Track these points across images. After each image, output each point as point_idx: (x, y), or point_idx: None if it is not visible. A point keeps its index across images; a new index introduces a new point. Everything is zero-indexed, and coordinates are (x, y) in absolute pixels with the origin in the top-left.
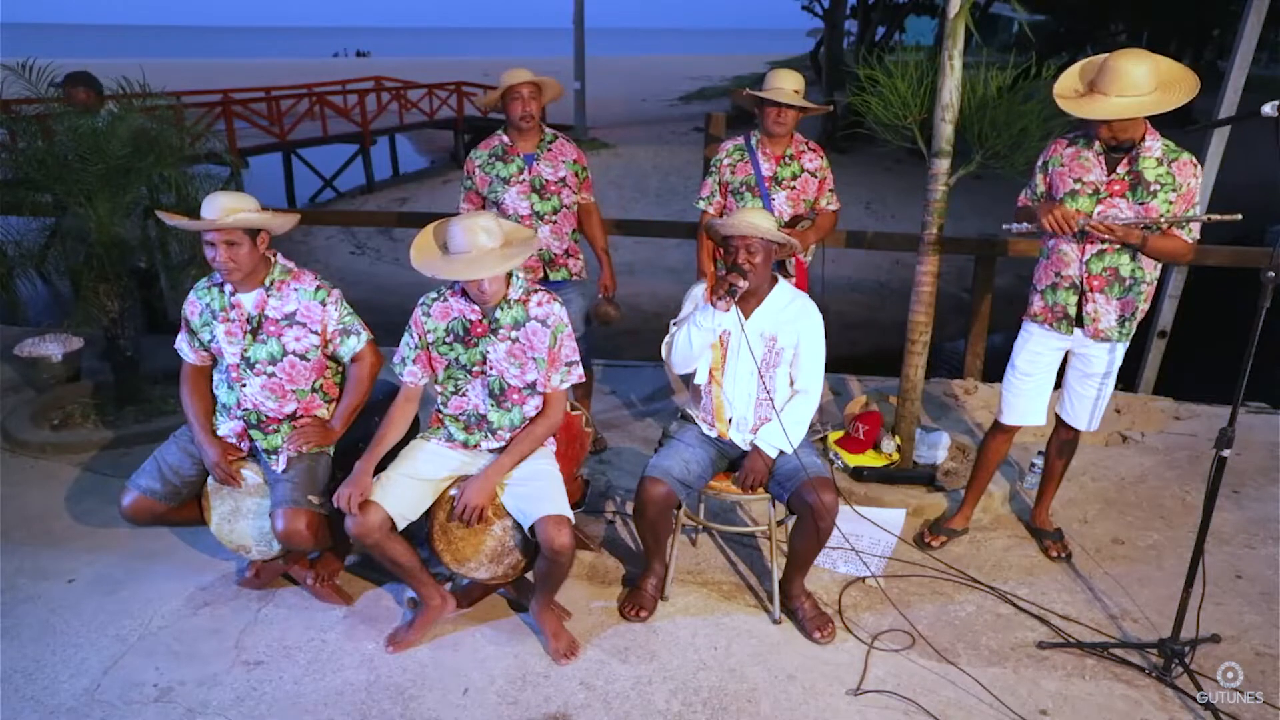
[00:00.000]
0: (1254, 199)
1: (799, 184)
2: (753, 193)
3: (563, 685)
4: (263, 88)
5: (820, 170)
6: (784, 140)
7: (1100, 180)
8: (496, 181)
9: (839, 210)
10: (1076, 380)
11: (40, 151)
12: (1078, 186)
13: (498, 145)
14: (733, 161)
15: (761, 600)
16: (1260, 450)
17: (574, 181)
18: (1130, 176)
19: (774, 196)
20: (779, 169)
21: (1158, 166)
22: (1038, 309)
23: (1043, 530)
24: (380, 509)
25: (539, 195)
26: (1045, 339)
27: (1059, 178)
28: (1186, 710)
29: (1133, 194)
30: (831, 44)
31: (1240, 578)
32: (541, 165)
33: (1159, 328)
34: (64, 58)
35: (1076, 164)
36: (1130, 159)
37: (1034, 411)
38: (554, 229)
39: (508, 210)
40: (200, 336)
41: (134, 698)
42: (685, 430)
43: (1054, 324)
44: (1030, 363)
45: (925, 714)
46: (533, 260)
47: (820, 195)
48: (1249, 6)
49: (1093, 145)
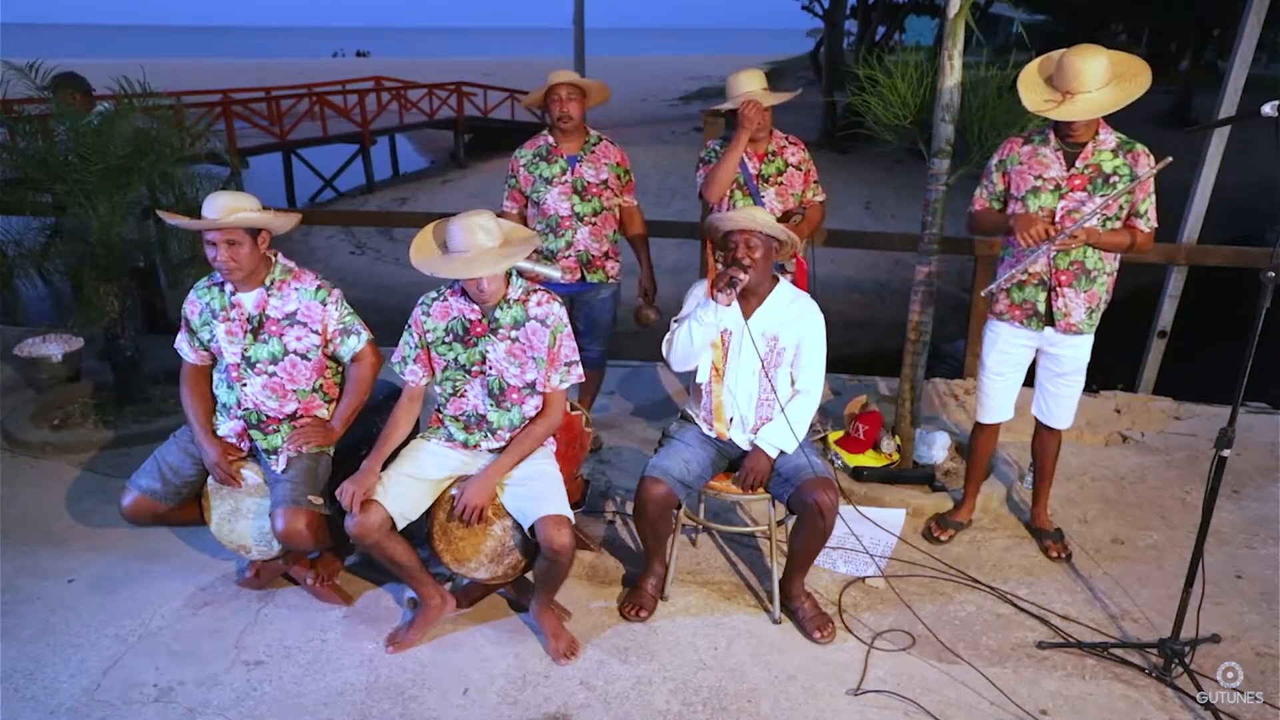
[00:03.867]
0: (1254, 199)
1: (786, 179)
2: (743, 192)
3: (563, 685)
4: (263, 88)
5: (804, 163)
6: (764, 138)
7: (1061, 176)
8: (539, 181)
9: (825, 201)
10: (1049, 380)
11: (40, 151)
12: (1039, 183)
13: (543, 145)
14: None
15: (761, 600)
16: (1260, 450)
17: (616, 184)
18: (1089, 170)
19: (763, 194)
20: (764, 167)
21: (1114, 158)
22: (1004, 307)
23: (1043, 530)
24: (380, 509)
25: (580, 197)
26: (1014, 337)
27: (1019, 176)
28: (1186, 710)
29: (1093, 187)
30: (831, 44)
31: (1240, 578)
32: (584, 167)
33: (1159, 328)
34: (63, 58)
35: (1036, 161)
36: (1087, 153)
37: (1008, 408)
38: (593, 231)
39: (548, 211)
40: (200, 336)
41: (134, 698)
42: (685, 430)
43: (1024, 321)
44: (1000, 361)
45: (925, 714)
46: (570, 262)
47: (806, 187)
48: (1249, 6)
49: (1049, 142)
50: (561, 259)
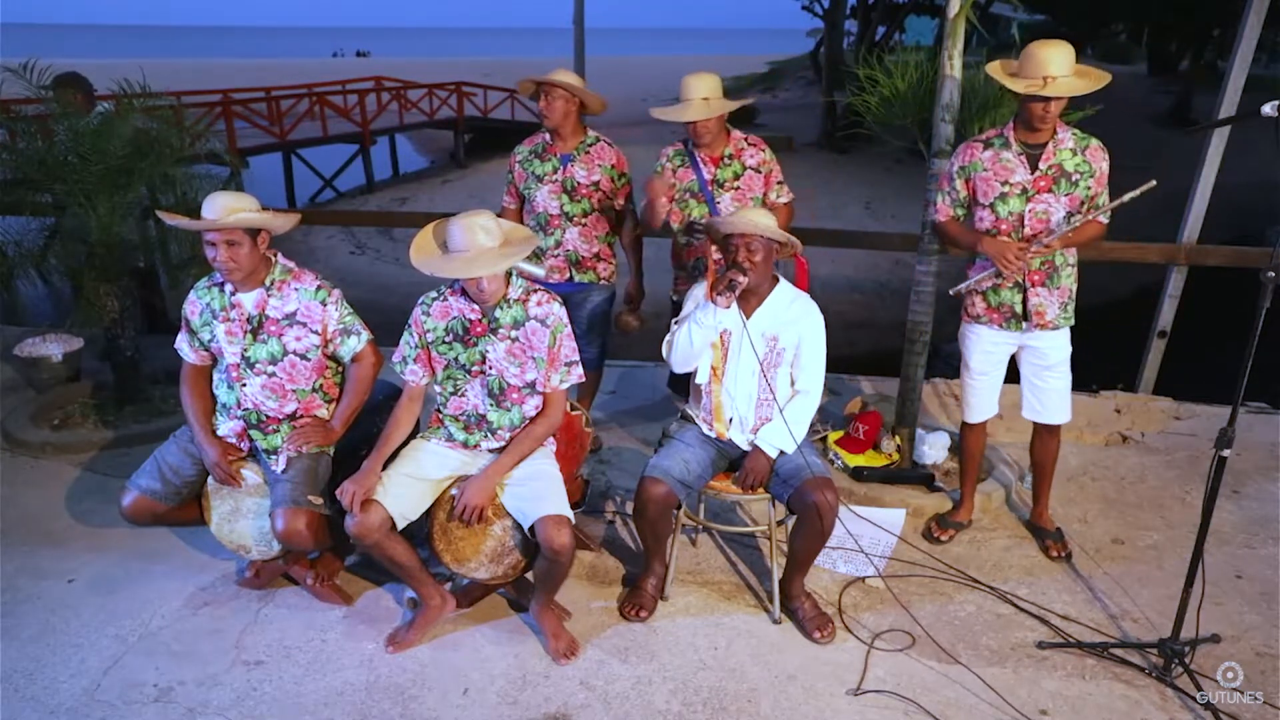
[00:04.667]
0: (1254, 199)
1: (743, 183)
2: (697, 199)
3: (563, 685)
4: (263, 88)
5: (763, 164)
6: (719, 142)
7: (1026, 179)
8: (531, 179)
9: (792, 201)
10: (1035, 375)
11: (40, 151)
12: (1006, 189)
13: (539, 143)
14: (674, 167)
15: (761, 600)
16: (1260, 450)
17: (609, 186)
18: (1052, 170)
19: (719, 200)
20: (719, 171)
21: (1074, 156)
22: (980, 310)
23: (1044, 530)
24: (380, 509)
25: (569, 196)
26: (995, 337)
27: (983, 182)
28: (1186, 710)
29: (1057, 187)
30: (831, 44)
31: (1240, 578)
32: (576, 167)
33: (1159, 328)
34: (63, 58)
35: (1000, 166)
36: (1049, 154)
37: (994, 404)
38: (583, 232)
39: (538, 208)
40: (200, 336)
41: (134, 698)
42: (685, 430)
43: (1003, 324)
44: (984, 361)
45: (925, 714)
46: (558, 261)
47: (769, 189)
48: (1249, 6)
49: (1010, 146)
50: (549, 258)
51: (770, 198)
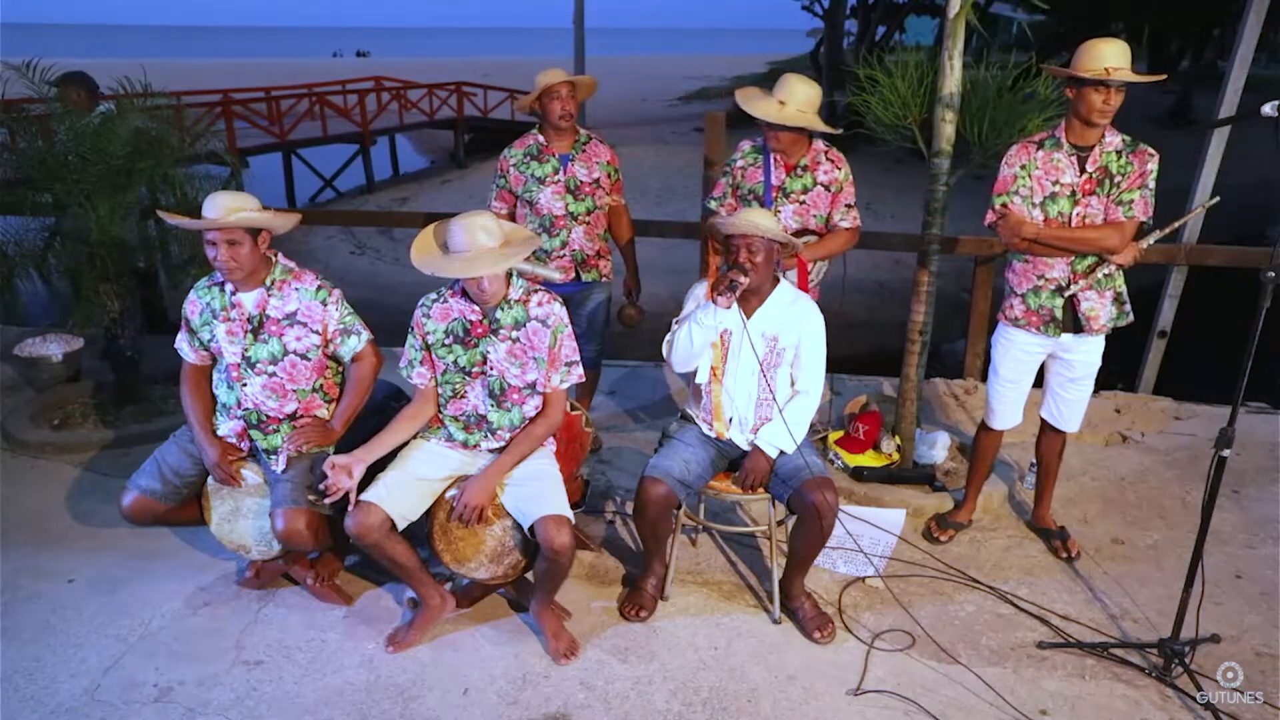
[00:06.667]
0: (1254, 199)
1: (809, 198)
2: (759, 203)
3: (563, 685)
4: (263, 88)
5: (835, 183)
6: (799, 150)
7: (1075, 181)
8: (531, 181)
9: (858, 228)
10: (1061, 385)
11: (40, 151)
12: (1056, 189)
13: (533, 145)
14: (745, 165)
15: (761, 600)
16: (1260, 450)
17: (606, 183)
18: (1098, 173)
19: (780, 209)
20: (789, 180)
21: (1119, 159)
22: (1019, 313)
23: (1049, 530)
24: (380, 509)
25: (573, 196)
26: (1029, 343)
27: (1036, 182)
28: (1186, 710)
29: (1101, 189)
30: (831, 44)
31: (1240, 578)
32: (576, 166)
33: (1159, 328)
34: (63, 58)
35: (1051, 166)
36: (1095, 156)
37: (1019, 413)
38: (587, 230)
39: (542, 210)
40: (200, 336)
41: (134, 698)
42: (685, 430)
43: (1040, 328)
44: (1014, 369)
45: (925, 714)
46: (565, 261)
47: (834, 209)
48: (1249, 6)
49: (1061, 147)
50: (556, 259)
51: (834, 218)
